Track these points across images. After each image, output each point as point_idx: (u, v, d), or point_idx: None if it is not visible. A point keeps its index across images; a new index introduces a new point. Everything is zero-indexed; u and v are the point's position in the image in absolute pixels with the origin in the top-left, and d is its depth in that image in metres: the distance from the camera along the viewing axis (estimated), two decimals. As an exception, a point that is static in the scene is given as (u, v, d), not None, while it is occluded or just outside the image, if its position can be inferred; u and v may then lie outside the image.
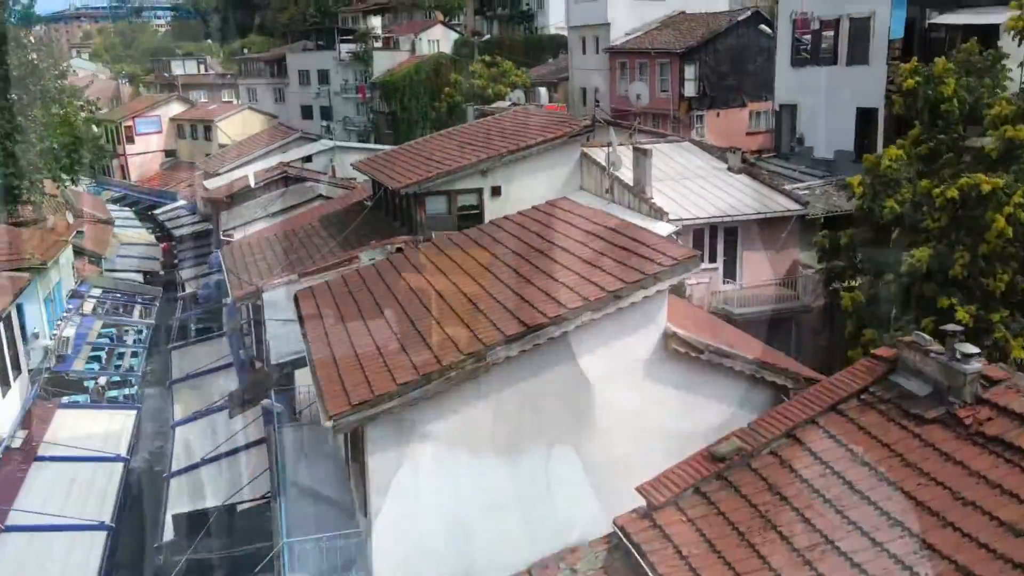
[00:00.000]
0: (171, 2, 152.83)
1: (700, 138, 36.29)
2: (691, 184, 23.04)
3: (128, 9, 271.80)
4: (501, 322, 11.15)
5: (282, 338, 17.89)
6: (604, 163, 23.36)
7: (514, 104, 35.41)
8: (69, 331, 26.17)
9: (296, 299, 15.44)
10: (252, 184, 40.74)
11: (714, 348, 11.31)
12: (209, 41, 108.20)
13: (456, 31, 68.28)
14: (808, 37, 25.61)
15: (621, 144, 26.75)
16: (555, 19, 65.17)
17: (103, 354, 28.95)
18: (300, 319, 14.34)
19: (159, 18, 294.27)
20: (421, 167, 24.29)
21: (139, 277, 40.31)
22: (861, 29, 24.00)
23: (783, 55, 26.65)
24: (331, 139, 48.40)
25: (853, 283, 19.86)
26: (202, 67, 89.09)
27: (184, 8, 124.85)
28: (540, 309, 11.03)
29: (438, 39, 65.53)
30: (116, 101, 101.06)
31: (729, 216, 20.92)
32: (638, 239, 12.06)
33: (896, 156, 18.96)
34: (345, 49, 64.41)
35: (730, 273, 21.89)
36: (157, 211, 56.43)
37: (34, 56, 35.17)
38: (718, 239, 21.45)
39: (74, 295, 33.82)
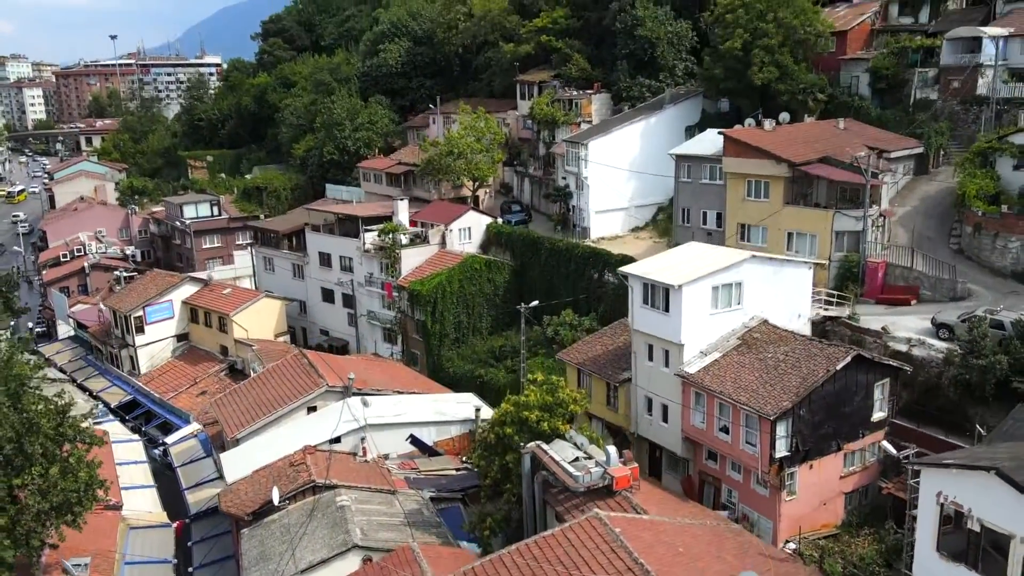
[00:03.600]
0: (182, 91, 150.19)
1: (792, 495, 31.84)
2: None
3: (137, 70, 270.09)
4: None
5: None
6: None
7: (579, 455, 31.07)
8: None
9: None
10: (276, 502, 37.03)
11: None
12: (222, 168, 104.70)
13: (487, 214, 64.17)
14: (963, 535, 21.04)
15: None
16: (596, 203, 61.20)
17: None
18: None
19: (168, 75, 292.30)
20: None
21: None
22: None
23: (925, 536, 22.04)
24: (361, 399, 44.14)
25: None
26: (215, 208, 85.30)
27: (196, 116, 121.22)
28: None
29: (469, 227, 61.39)
30: (125, 232, 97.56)
31: None
32: None
33: None
34: (369, 240, 60.25)
35: None
36: (169, 440, 52.42)
37: (32, 411, 31.03)
38: None
39: None
